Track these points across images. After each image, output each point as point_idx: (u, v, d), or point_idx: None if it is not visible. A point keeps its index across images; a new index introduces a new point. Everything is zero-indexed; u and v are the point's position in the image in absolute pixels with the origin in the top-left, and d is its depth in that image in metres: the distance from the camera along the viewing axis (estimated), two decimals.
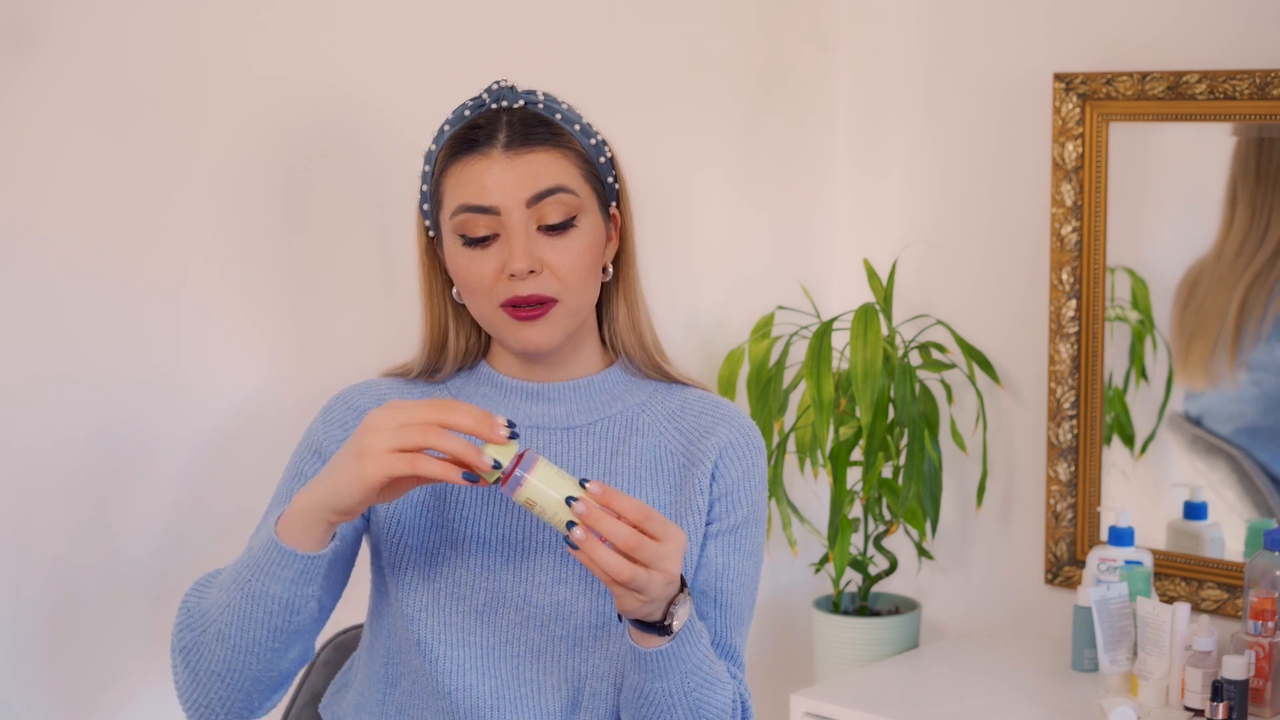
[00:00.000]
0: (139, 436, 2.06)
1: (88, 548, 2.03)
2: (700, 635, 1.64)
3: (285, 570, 1.57)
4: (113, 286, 2.02)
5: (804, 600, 2.90)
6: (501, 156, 1.67)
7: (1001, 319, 2.78)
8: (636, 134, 2.18)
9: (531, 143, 1.67)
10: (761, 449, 1.78)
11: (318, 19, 2.18)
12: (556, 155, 1.68)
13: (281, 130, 2.15)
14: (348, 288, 2.24)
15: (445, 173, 1.70)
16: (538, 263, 1.66)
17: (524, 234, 1.66)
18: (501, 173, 1.66)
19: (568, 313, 1.70)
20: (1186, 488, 2.62)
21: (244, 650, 1.60)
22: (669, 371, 1.81)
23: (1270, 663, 2.31)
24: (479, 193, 1.66)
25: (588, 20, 2.51)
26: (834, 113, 2.91)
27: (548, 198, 1.67)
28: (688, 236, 2.71)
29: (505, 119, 1.69)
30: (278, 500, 1.73)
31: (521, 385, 1.76)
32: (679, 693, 1.63)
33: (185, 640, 1.63)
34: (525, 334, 1.69)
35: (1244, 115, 2.47)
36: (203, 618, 1.62)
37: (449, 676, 1.69)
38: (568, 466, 1.73)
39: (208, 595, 1.64)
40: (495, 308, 1.69)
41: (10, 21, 1.90)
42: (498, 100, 1.71)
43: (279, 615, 1.59)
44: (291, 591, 1.58)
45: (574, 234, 1.69)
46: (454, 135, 1.70)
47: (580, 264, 1.69)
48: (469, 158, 1.68)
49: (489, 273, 1.67)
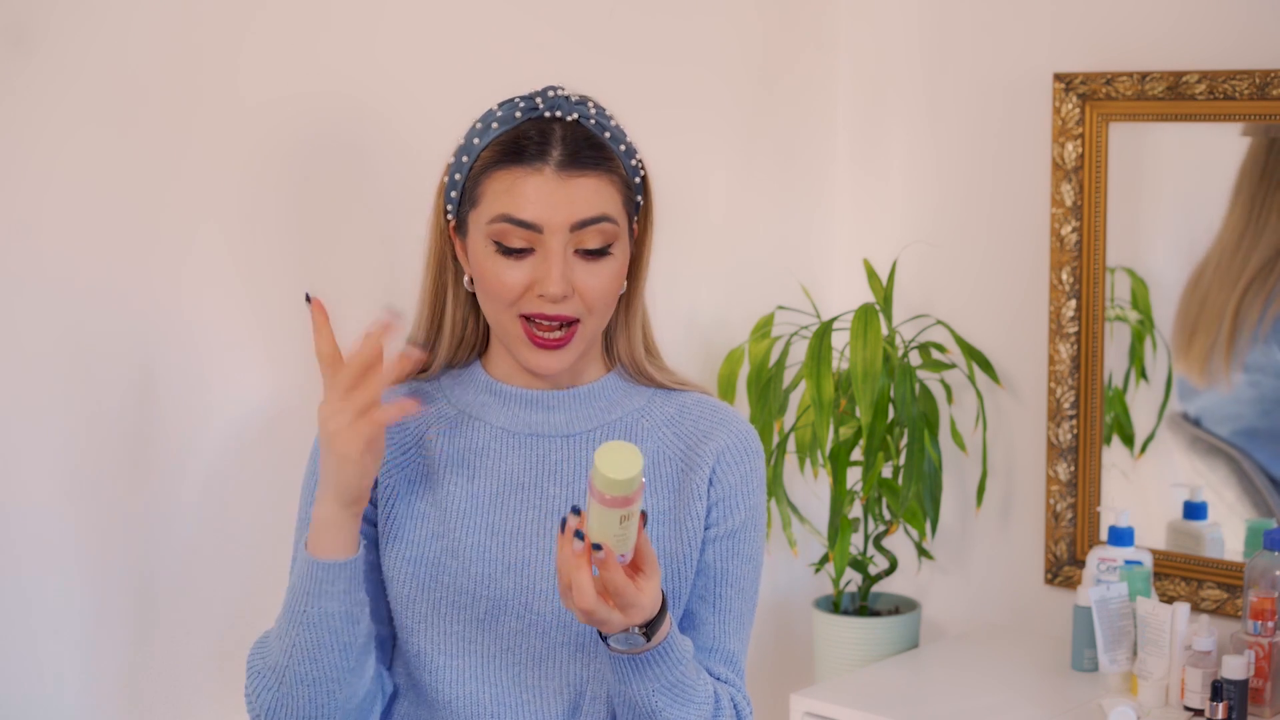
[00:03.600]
0: (146, 443, 2.05)
1: (91, 550, 2.03)
2: (676, 661, 1.63)
3: (334, 584, 1.61)
4: (114, 287, 2.01)
5: (804, 600, 2.90)
6: (553, 175, 1.66)
7: (1001, 319, 2.78)
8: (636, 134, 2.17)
9: (584, 166, 1.67)
10: (760, 453, 1.78)
11: (318, 19, 2.17)
12: (605, 182, 1.68)
13: (284, 130, 2.14)
14: (352, 287, 2.24)
15: (489, 175, 1.68)
16: (570, 287, 1.66)
17: (562, 257, 1.66)
18: (551, 193, 1.65)
19: (585, 337, 1.70)
20: (1186, 488, 2.62)
21: (325, 681, 1.63)
22: (659, 380, 1.80)
23: (1270, 663, 2.31)
24: (525, 208, 1.65)
25: (587, 20, 2.51)
26: (834, 113, 2.91)
27: (591, 226, 1.66)
28: (688, 236, 2.71)
29: (560, 134, 1.67)
30: (303, 523, 1.75)
31: (520, 393, 1.76)
32: (645, 705, 1.64)
33: (266, 701, 1.65)
34: (541, 360, 1.69)
35: (1243, 115, 2.47)
36: (273, 672, 1.64)
37: (449, 685, 1.70)
38: (567, 474, 1.73)
39: (269, 652, 1.66)
40: (515, 319, 1.68)
41: (10, 21, 1.90)
42: (552, 109, 1.69)
43: (344, 630, 1.62)
44: (347, 603, 1.62)
45: (608, 260, 1.69)
46: (504, 139, 1.68)
47: (609, 289, 1.69)
48: (519, 169, 1.66)
49: (517, 285, 1.67)
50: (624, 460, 1.49)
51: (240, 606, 2.14)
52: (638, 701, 1.63)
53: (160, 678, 2.10)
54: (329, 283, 2.22)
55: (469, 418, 1.76)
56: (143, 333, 2.05)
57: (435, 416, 1.77)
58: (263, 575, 2.10)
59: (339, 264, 2.23)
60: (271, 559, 2.07)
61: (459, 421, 1.76)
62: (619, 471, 1.48)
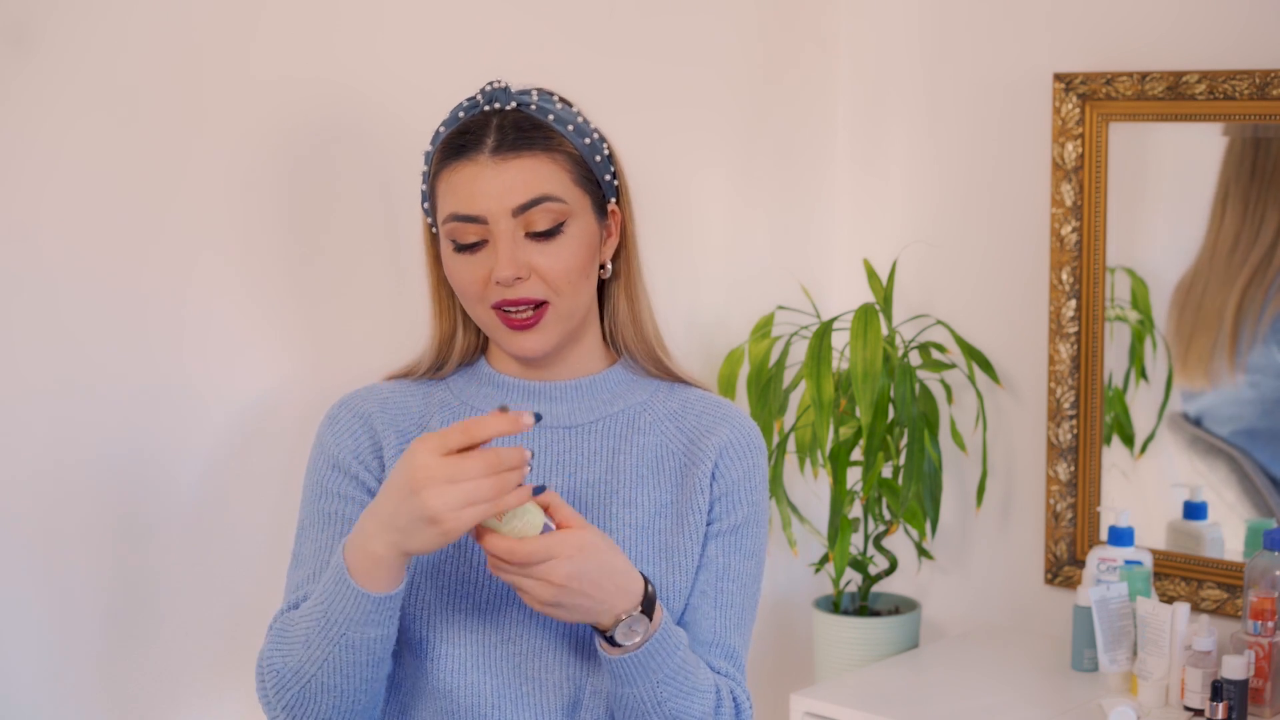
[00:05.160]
0: (146, 441, 2.05)
1: (92, 553, 2.02)
2: (674, 648, 1.64)
3: (381, 614, 1.60)
4: (116, 288, 2.01)
5: (804, 600, 2.90)
6: (489, 162, 1.67)
7: (1001, 319, 2.78)
8: (637, 133, 2.18)
9: (519, 148, 1.67)
10: (762, 449, 1.78)
11: (319, 17, 2.17)
12: (544, 160, 1.68)
13: (285, 129, 2.14)
14: (357, 286, 2.24)
15: (438, 177, 1.71)
16: (525, 269, 1.67)
17: (510, 242, 1.67)
18: (488, 180, 1.66)
19: (560, 316, 1.70)
20: (1186, 488, 2.62)
21: (353, 691, 1.63)
22: (670, 366, 1.81)
23: (1270, 663, 2.31)
24: (466, 201, 1.67)
25: (587, 19, 2.51)
26: (834, 112, 2.91)
27: (533, 207, 1.67)
28: (688, 236, 2.71)
29: (495, 123, 1.69)
30: (312, 520, 1.73)
31: (522, 384, 1.77)
32: (650, 700, 1.64)
33: (287, 699, 1.65)
34: (518, 342, 1.70)
35: (1243, 115, 2.47)
36: (297, 676, 1.63)
37: (450, 674, 1.70)
38: (569, 465, 1.73)
39: (292, 651, 1.64)
40: (488, 311, 1.70)
41: (10, 21, 1.90)
42: (490, 102, 1.71)
43: (381, 650, 1.63)
44: (388, 630, 1.62)
45: (562, 239, 1.69)
46: (446, 139, 1.71)
47: (569, 267, 1.69)
48: (458, 163, 1.68)
49: (479, 278, 1.68)
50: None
51: (240, 607, 2.14)
52: (643, 699, 1.63)
53: (159, 677, 2.09)
54: (337, 280, 2.22)
55: (471, 409, 1.76)
56: (144, 333, 2.05)
57: (438, 405, 1.77)
58: (263, 574, 2.10)
59: (347, 263, 2.23)
60: (270, 557, 2.07)
61: (462, 413, 1.76)
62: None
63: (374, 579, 1.58)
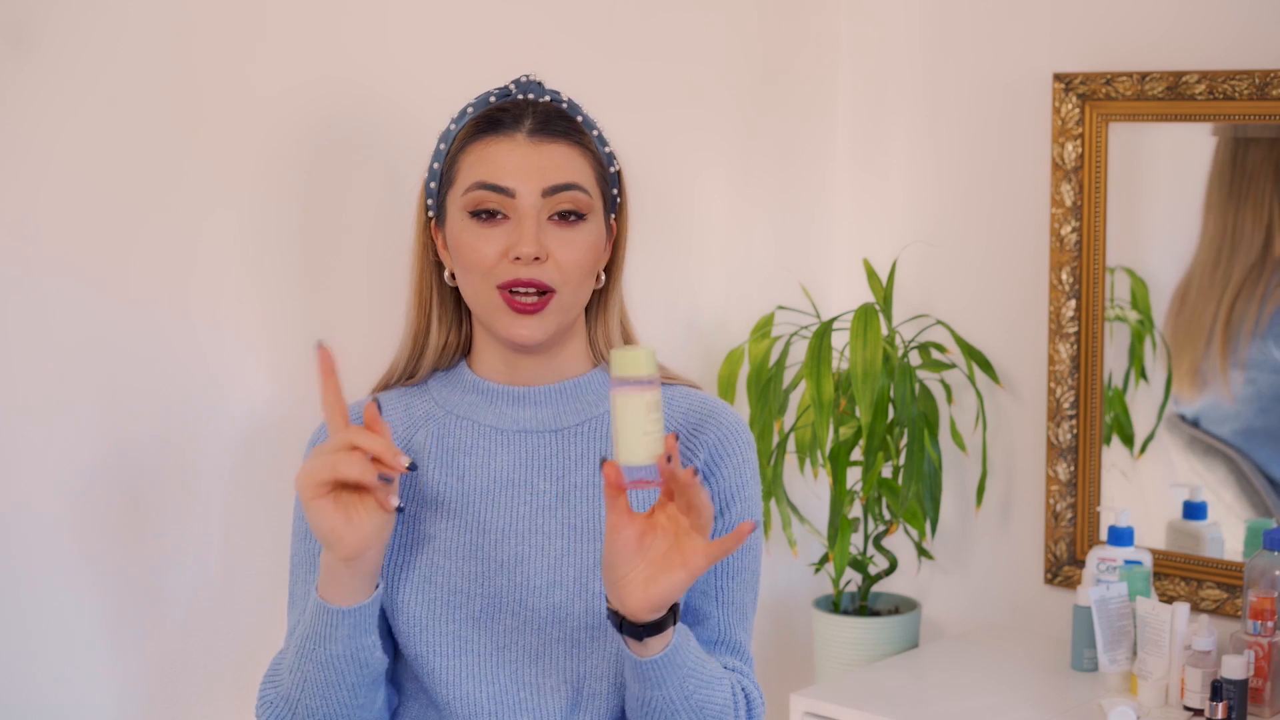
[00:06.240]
0: (148, 443, 2.05)
1: (96, 555, 2.02)
2: (689, 640, 1.64)
3: (339, 629, 1.61)
4: (116, 287, 2.01)
5: (804, 600, 2.90)
6: (525, 141, 1.69)
7: (1001, 319, 2.78)
8: (637, 133, 2.18)
9: (555, 135, 1.70)
10: (751, 444, 1.78)
11: (321, 18, 2.17)
12: (577, 153, 1.71)
13: (286, 129, 2.14)
14: (359, 287, 2.24)
15: (464, 150, 1.71)
16: (544, 250, 1.68)
17: (535, 220, 1.68)
18: (523, 158, 1.68)
19: (562, 307, 1.70)
20: (1186, 488, 2.62)
21: (336, 716, 1.65)
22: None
23: (1270, 662, 2.31)
24: (497, 172, 1.68)
25: (587, 19, 2.51)
26: (834, 112, 2.92)
27: (563, 192, 1.69)
28: (688, 236, 2.71)
29: (532, 109, 1.71)
30: (299, 560, 1.75)
31: (506, 390, 1.76)
32: (679, 697, 1.63)
33: None
34: (518, 326, 1.69)
35: (1243, 115, 2.47)
36: (285, 702, 1.67)
37: (446, 686, 1.70)
38: (559, 469, 1.73)
39: (281, 679, 1.68)
40: (493, 290, 1.69)
41: (10, 21, 1.90)
42: (524, 92, 1.74)
43: (350, 672, 1.63)
44: (352, 646, 1.62)
45: (582, 229, 1.70)
46: (478, 116, 1.72)
47: (583, 259, 1.70)
48: (492, 138, 1.70)
49: (492, 253, 1.68)
50: (637, 350, 1.52)
51: (250, 614, 2.14)
52: (672, 698, 1.62)
53: (172, 683, 2.09)
54: (340, 281, 2.22)
55: (456, 417, 1.76)
56: (145, 333, 2.05)
57: (423, 417, 1.77)
58: (276, 586, 2.10)
59: (350, 263, 2.23)
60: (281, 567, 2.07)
61: (446, 422, 1.76)
62: (639, 354, 1.51)
63: (334, 592, 1.61)
